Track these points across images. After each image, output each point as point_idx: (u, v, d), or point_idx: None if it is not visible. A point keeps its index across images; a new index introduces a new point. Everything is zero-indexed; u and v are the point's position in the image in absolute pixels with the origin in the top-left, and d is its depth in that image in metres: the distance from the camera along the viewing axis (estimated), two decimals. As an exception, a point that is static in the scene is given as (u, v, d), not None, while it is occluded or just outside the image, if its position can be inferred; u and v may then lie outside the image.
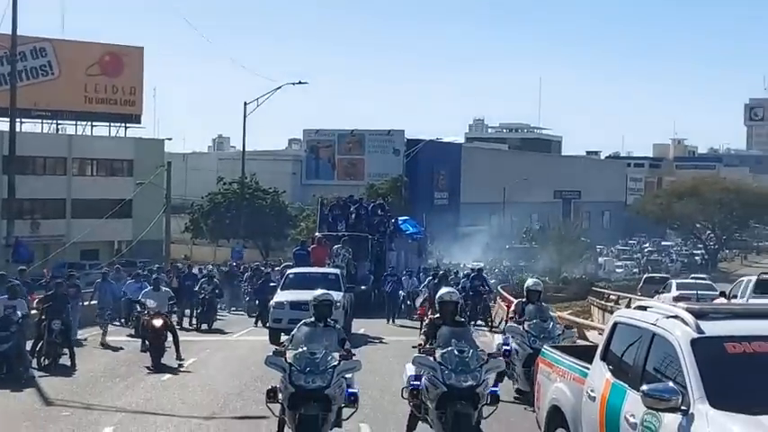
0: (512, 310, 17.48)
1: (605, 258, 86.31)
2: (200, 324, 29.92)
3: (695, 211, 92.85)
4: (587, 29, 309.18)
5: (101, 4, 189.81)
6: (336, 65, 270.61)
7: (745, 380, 7.31)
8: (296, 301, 23.13)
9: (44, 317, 20.70)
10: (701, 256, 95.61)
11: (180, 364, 20.48)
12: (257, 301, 32.51)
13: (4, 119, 49.22)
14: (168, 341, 21.00)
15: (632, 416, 7.78)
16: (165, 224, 51.97)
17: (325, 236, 35.79)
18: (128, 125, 74.24)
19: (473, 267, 39.74)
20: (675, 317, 7.98)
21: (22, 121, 60.25)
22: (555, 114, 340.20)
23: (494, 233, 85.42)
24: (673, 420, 7.18)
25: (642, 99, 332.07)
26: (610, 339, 9.12)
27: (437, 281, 27.77)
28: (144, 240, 54.98)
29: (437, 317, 12.37)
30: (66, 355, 20.67)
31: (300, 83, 58.09)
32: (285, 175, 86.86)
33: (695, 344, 7.50)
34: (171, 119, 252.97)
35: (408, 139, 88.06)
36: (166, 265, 39.50)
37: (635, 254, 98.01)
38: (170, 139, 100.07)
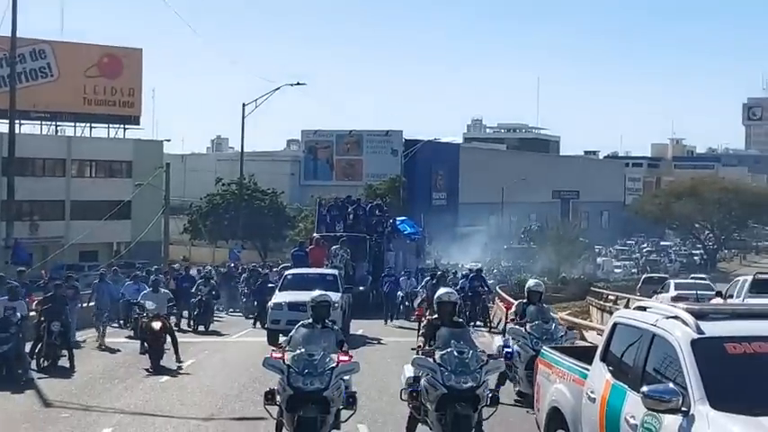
0: (512, 312, 17.29)
1: (604, 258, 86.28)
2: (197, 326, 29.76)
3: (694, 210, 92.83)
4: (585, 29, 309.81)
5: (99, 5, 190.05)
6: (334, 66, 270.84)
7: (745, 380, 7.30)
8: (294, 302, 23.07)
9: (43, 318, 20.70)
10: (699, 257, 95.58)
11: (179, 366, 20.45)
12: (255, 303, 32.41)
13: (3, 121, 49.15)
14: (167, 343, 20.98)
15: (632, 417, 7.76)
16: (164, 225, 51.92)
17: (324, 236, 35.73)
18: (126, 126, 74.24)
19: (471, 268, 39.66)
20: (675, 317, 7.96)
21: (22, 122, 60.27)
22: (553, 114, 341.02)
23: (492, 233, 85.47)
24: (673, 422, 7.16)
25: (640, 99, 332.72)
26: (609, 340, 9.09)
27: (435, 281, 27.72)
28: (143, 242, 54.96)
29: (435, 317, 12.32)
30: (65, 356, 20.65)
31: (298, 84, 58.15)
32: (283, 175, 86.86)
33: (695, 344, 7.48)
34: (169, 120, 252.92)
35: (406, 140, 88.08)
36: (165, 267, 39.44)
37: (633, 254, 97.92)
38: (169, 141, 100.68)
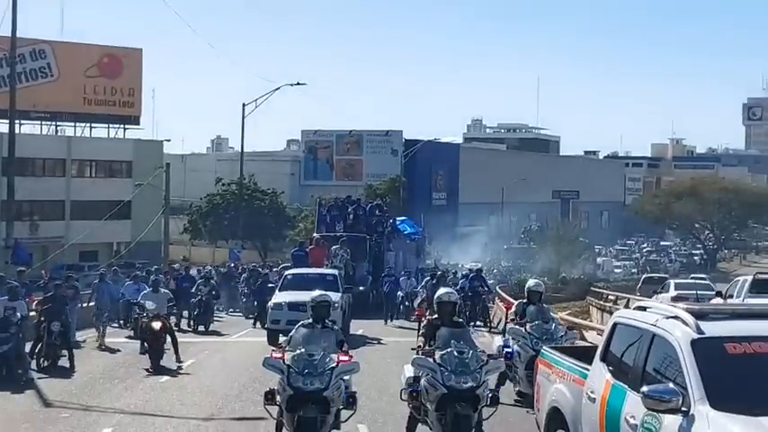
0: (512, 312, 17.23)
1: (604, 258, 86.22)
2: (196, 326, 29.72)
3: (694, 210, 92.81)
4: (585, 29, 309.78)
5: (99, 5, 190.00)
6: (334, 66, 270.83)
7: (745, 381, 7.29)
8: (294, 302, 23.07)
9: (43, 318, 20.69)
10: (699, 257, 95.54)
11: (179, 366, 20.44)
12: (255, 302, 32.37)
13: (3, 121, 49.15)
14: (167, 343, 20.96)
15: (632, 417, 7.75)
16: (164, 225, 51.91)
17: (324, 236, 35.72)
18: (126, 126, 74.24)
19: (471, 268, 39.65)
20: (675, 317, 7.95)
21: (22, 122, 60.25)
22: (553, 114, 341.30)
23: (492, 233, 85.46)
24: (673, 422, 7.16)
25: (640, 99, 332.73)
26: (609, 340, 9.09)
27: (435, 281, 27.72)
28: (143, 241, 54.96)
29: (435, 317, 12.32)
30: (65, 356, 20.65)
31: (299, 84, 58.13)
32: (283, 175, 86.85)
33: (695, 344, 7.47)
34: (169, 120, 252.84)
35: (406, 140, 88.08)
36: (164, 267, 39.42)
37: (633, 254, 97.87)
38: (169, 141, 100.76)
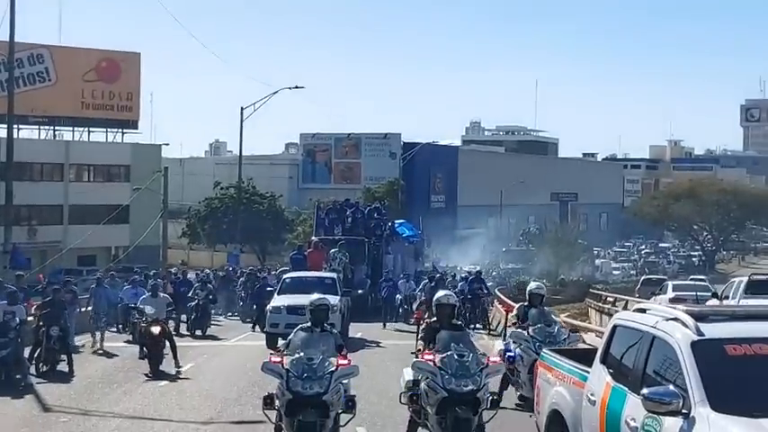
0: (513, 315, 17.02)
1: (602, 260, 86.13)
2: (194, 330, 29.62)
3: (692, 212, 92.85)
4: (583, 31, 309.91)
5: (97, 10, 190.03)
6: (332, 69, 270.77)
7: (745, 382, 7.28)
8: (293, 306, 23.09)
9: (42, 323, 20.66)
10: (698, 258, 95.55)
11: (177, 371, 20.39)
12: (255, 306, 32.22)
13: (1, 125, 49.11)
14: (166, 348, 20.91)
15: (633, 419, 7.73)
16: (163, 229, 51.85)
17: (322, 240, 35.71)
18: (125, 131, 74.19)
19: (470, 270, 39.62)
20: (675, 319, 7.93)
21: (20, 127, 60.05)
22: (551, 116, 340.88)
23: (491, 236, 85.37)
24: (674, 424, 7.14)
25: (638, 101, 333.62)
26: (609, 342, 9.07)
27: (433, 284, 27.72)
28: (141, 246, 54.90)
29: (434, 320, 12.31)
30: (65, 361, 20.62)
31: (297, 87, 58.18)
32: (282, 179, 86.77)
33: (695, 346, 7.45)
34: (168, 124, 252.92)
35: (405, 143, 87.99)
36: (163, 271, 39.37)
37: (632, 256, 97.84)
38: (167, 145, 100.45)
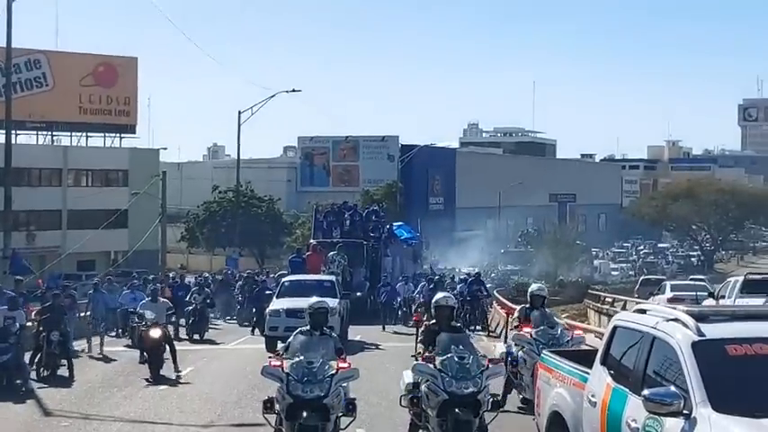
0: (515, 317, 16.80)
1: (601, 261, 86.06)
2: (191, 334, 29.51)
3: (691, 212, 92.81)
4: (581, 31, 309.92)
5: (94, 14, 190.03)
6: (330, 71, 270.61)
7: (746, 382, 7.27)
8: (292, 309, 23.10)
9: (42, 328, 20.66)
10: (697, 258, 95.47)
11: (177, 375, 20.38)
12: (254, 309, 32.14)
13: (-1, 131, 49.14)
14: (166, 352, 20.88)
15: (634, 421, 7.72)
16: (161, 234, 51.81)
17: (321, 243, 35.73)
18: (122, 135, 74.15)
19: (468, 272, 39.61)
20: (676, 320, 7.93)
21: (17, 132, 60.15)
22: (549, 118, 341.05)
23: (489, 237, 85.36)
24: (675, 425, 7.14)
25: (636, 101, 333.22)
26: (609, 343, 9.06)
27: (432, 286, 27.71)
28: (140, 250, 54.85)
29: (433, 323, 12.29)
30: (65, 366, 20.63)
31: (294, 91, 58.16)
32: (280, 182, 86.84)
33: (696, 347, 7.45)
34: (166, 128, 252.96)
35: (403, 145, 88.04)
36: (162, 275, 39.35)
37: (631, 256, 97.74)
38: (165, 149, 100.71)
